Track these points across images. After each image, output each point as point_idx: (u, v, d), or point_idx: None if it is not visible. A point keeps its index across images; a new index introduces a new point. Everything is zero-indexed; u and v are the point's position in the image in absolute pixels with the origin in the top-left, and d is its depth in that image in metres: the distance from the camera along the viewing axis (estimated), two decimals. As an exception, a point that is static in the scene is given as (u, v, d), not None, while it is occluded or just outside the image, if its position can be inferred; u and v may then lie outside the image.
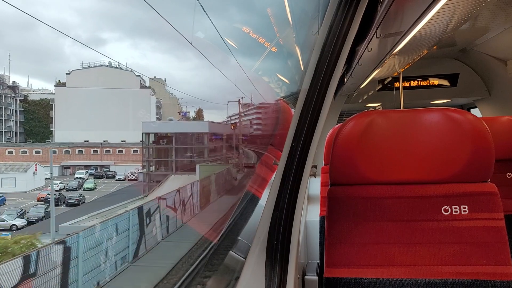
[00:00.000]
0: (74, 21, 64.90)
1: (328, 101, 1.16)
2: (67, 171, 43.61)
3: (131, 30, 63.83)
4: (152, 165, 35.25)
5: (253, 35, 11.64)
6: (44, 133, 52.44)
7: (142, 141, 35.77)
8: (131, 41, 75.03)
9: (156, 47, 67.38)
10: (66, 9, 69.84)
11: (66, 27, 62.86)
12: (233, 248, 1.33)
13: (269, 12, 6.67)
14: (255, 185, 3.79)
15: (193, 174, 26.18)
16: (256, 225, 1.25)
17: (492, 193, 1.24)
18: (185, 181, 20.85)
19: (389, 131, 1.29)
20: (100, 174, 42.42)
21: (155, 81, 59.03)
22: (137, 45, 74.71)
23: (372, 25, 1.60)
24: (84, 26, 64.60)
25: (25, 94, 53.76)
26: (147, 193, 27.94)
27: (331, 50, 1.13)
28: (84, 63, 49.25)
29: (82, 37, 69.45)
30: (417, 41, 2.82)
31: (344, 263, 1.26)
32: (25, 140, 51.06)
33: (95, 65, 48.38)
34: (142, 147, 36.51)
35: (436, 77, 4.68)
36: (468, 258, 1.20)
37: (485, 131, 1.24)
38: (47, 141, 50.14)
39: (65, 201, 30.03)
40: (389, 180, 1.29)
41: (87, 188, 36.37)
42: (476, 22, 3.06)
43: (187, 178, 25.12)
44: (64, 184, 36.75)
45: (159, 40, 65.12)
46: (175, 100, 63.08)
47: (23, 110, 52.57)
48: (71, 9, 70.52)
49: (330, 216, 1.31)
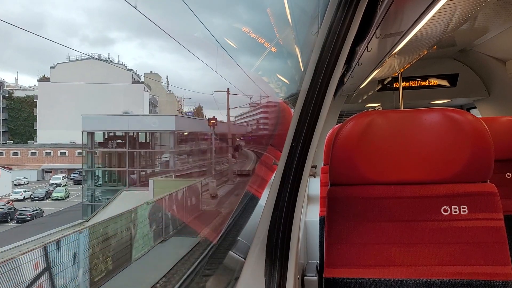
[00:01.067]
0: (82, 20, 64.39)
1: (327, 101, 1.16)
2: (49, 175, 37.20)
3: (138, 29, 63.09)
4: (97, 176, 25.94)
5: (252, 35, 11.61)
6: (30, 133, 47.22)
7: (83, 143, 25.56)
8: (139, 41, 74.64)
9: (164, 46, 66.77)
10: (74, 9, 69.27)
11: (73, 27, 62.21)
12: (233, 248, 1.33)
13: (269, 12, 6.67)
14: (255, 185, 3.79)
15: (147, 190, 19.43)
16: (256, 225, 1.25)
17: (492, 193, 1.24)
18: (141, 200, 15.42)
19: (389, 131, 1.30)
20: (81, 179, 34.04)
21: (150, 76, 54.00)
22: (145, 45, 74.34)
23: (372, 25, 1.60)
24: (91, 25, 64.02)
25: (10, 91, 48.64)
26: (89, 216, 20.12)
27: (330, 50, 1.13)
28: (70, 56, 43.42)
29: (90, 37, 68.91)
30: (416, 42, 2.82)
31: (343, 263, 1.26)
32: (11, 140, 46.54)
33: (82, 58, 42.90)
34: (83, 151, 26.19)
35: (435, 77, 4.68)
36: (468, 258, 1.20)
37: (485, 131, 1.24)
38: (29, 141, 45.29)
39: (15, 217, 23.59)
40: (388, 180, 1.29)
41: (56, 197, 29.35)
42: (476, 22, 3.06)
43: (145, 195, 18.90)
44: (31, 192, 30.28)
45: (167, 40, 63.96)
46: (173, 97, 58.37)
47: (7, 107, 47.57)
48: (78, 9, 69.95)
49: (329, 216, 1.31)
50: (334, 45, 1.13)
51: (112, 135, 26.86)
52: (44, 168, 38.89)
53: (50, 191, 31.09)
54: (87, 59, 43.01)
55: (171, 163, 26.50)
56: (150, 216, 12.86)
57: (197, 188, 18.72)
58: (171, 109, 52.69)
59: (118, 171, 25.76)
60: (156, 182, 19.65)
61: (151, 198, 16.27)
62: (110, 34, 72.43)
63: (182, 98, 57.96)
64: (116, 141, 26.47)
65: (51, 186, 32.52)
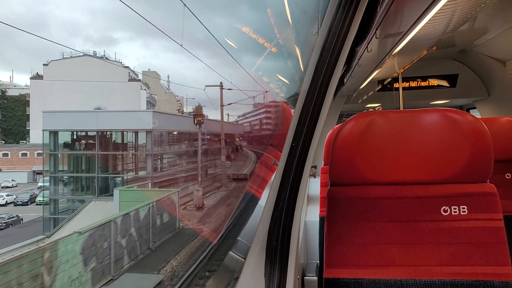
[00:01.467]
0: (85, 21, 64.04)
1: (327, 102, 1.16)
2: (40, 176, 33.66)
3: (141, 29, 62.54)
4: (62, 183, 21.68)
5: (253, 35, 11.64)
6: (23, 133, 45.74)
7: (44, 143, 21.34)
8: (143, 41, 74.25)
9: (169, 47, 66.41)
10: (78, 9, 68.98)
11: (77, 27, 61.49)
12: (233, 248, 1.33)
13: (269, 13, 6.68)
14: (255, 186, 3.79)
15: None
16: (256, 225, 1.25)
17: (491, 194, 1.24)
18: (110, 211, 13.82)
19: (389, 132, 1.30)
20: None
21: (149, 74, 51.72)
22: (148, 45, 73.96)
23: (372, 25, 1.60)
24: (95, 25, 63.44)
25: (3, 89, 47.23)
26: (51, 231, 17.19)
27: (330, 50, 1.13)
28: (65, 53, 41.45)
29: (93, 36, 68.38)
30: (416, 42, 2.82)
31: (343, 264, 1.26)
32: (3, 140, 44.60)
33: (77, 55, 41.08)
34: (44, 153, 22.10)
35: (435, 77, 4.69)
36: (468, 258, 1.21)
37: (484, 131, 1.24)
38: (21, 141, 44.08)
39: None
40: (388, 180, 1.29)
41: (40, 202, 25.64)
42: (476, 23, 3.06)
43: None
44: (14, 196, 28.48)
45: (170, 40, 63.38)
46: (173, 96, 55.95)
47: (0, 106, 46.39)
48: (82, 9, 69.62)
49: (329, 216, 1.31)
50: (334, 46, 1.13)
51: (83, 135, 22.82)
52: (35, 169, 36.89)
53: (35, 195, 28.79)
54: (82, 56, 41.14)
55: (148, 168, 22.37)
56: (85, 250, 9.50)
57: (173, 200, 15.19)
58: (170, 108, 51.29)
59: (86, 177, 21.86)
60: (123, 193, 16.00)
61: (116, 212, 13.01)
62: (113, 34, 72.29)
63: (183, 98, 56.63)
64: (85, 141, 22.42)
65: (38, 190, 30.05)
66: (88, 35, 64.10)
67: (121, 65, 43.31)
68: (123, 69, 43.06)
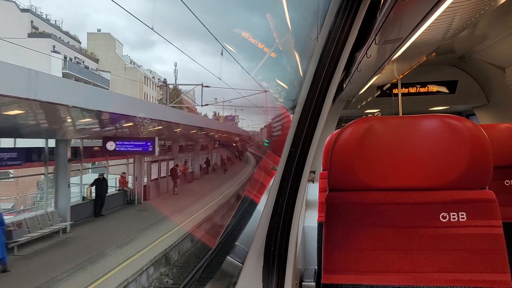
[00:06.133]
0: (123, 24, 63.07)
1: (326, 107, 1.16)
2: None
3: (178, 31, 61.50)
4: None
5: (252, 40, 11.70)
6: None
7: None
8: (179, 43, 73.90)
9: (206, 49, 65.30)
10: (115, 12, 67.65)
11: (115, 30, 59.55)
12: (231, 253, 1.32)
13: (269, 18, 6.73)
14: (253, 191, 3.79)
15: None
16: (254, 230, 1.24)
17: (490, 200, 1.24)
18: None
19: (388, 137, 1.29)
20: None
21: (97, 38, 33.20)
22: (185, 47, 73.39)
23: (371, 31, 1.61)
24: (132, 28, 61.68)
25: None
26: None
27: (330, 56, 1.14)
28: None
29: (130, 40, 66.84)
30: (416, 48, 2.84)
31: (342, 269, 1.26)
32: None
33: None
34: None
35: (434, 84, 4.71)
36: (466, 265, 1.20)
37: (484, 138, 1.24)
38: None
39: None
40: (387, 186, 1.28)
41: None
42: (475, 29, 3.08)
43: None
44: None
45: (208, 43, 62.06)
46: (136, 74, 35.16)
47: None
48: (119, 12, 68.32)
49: (328, 221, 1.31)
50: (333, 51, 1.13)
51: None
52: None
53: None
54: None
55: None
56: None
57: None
58: (131, 92, 32.08)
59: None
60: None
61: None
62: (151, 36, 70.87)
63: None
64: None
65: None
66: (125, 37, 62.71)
67: (16, 6, 25.29)
68: (19, 13, 25.05)
